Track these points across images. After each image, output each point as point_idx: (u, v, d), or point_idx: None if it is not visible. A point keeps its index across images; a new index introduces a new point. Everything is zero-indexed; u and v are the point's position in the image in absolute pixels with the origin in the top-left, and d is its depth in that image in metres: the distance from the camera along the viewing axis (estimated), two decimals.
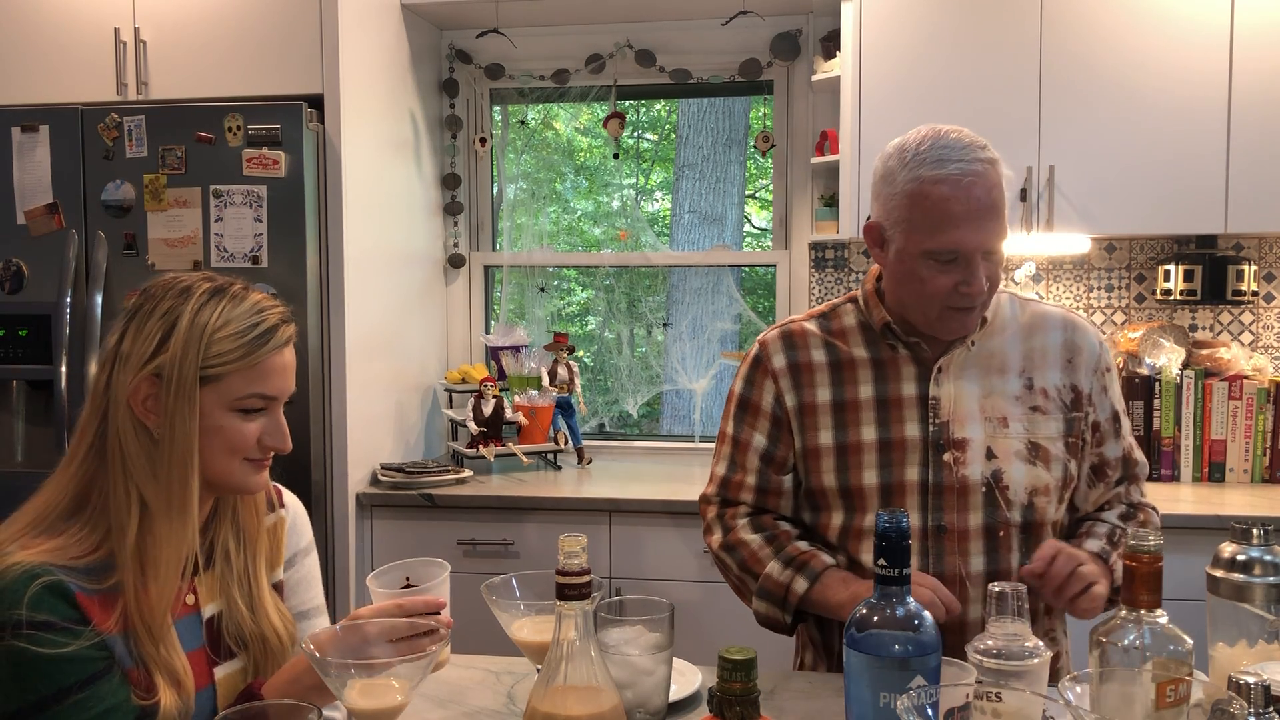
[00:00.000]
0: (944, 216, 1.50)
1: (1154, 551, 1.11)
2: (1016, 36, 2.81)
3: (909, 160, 1.53)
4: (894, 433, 1.60)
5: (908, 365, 1.63)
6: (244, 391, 1.27)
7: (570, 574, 1.03)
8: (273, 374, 1.29)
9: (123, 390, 1.24)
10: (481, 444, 3.11)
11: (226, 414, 1.27)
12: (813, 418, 1.64)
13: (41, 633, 1.14)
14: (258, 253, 2.74)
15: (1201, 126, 2.75)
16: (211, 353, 1.24)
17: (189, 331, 1.24)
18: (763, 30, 3.27)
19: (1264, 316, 3.11)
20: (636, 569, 2.76)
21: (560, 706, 1.03)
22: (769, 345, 1.70)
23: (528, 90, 3.51)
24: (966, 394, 1.61)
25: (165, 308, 1.26)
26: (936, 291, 1.53)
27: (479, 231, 3.60)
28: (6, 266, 2.85)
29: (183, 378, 1.23)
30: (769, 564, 1.63)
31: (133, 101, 2.88)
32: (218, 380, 1.25)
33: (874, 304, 1.65)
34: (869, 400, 1.62)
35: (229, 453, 1.28)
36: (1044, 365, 1.65)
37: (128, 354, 1.25)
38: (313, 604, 1.50)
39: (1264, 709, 1.06)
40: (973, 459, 1.58)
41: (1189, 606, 2.47)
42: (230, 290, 1.29)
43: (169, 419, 1.24)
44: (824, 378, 1.65)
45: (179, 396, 1.23)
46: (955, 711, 1.06)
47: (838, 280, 3.32)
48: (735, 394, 1.72)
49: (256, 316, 1.28)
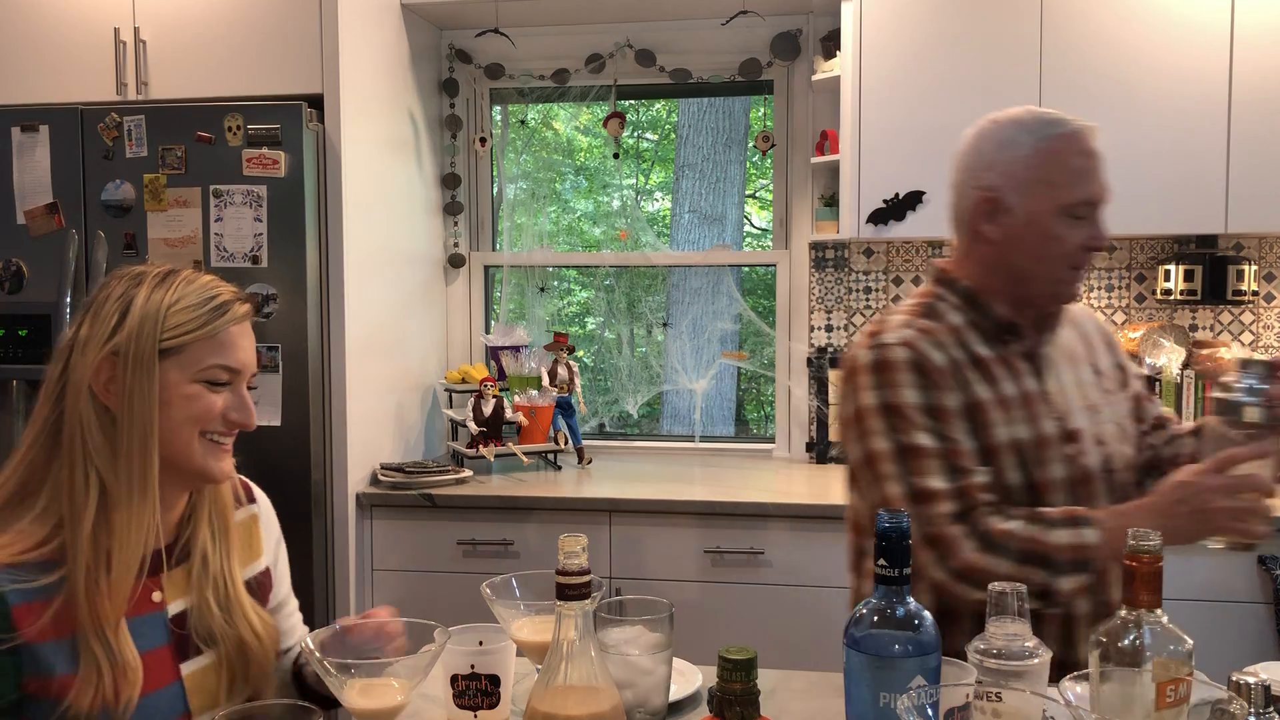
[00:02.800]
0: (1081, 169, 1.59)
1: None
2: (1016, 36, 2.81)
3: (1031, 124, 1.59)
4: (1037, 429, 1.58)
5: (1020, 360, 1.62)
6: (207, 362, 1.28)
7: (570, 574, 1.03)
8: (233, 346, 1.30)
9: (83, 374, 1.24)
10: (481, 444, 3.11)
11: (190, 385, 1.27)
12: (984, 415, 1.56)
13: None
14: (258, 253, 2.74)
15: (1202, 126, 2.75)
16: (169, 325, 1.26)
17: (144, 307, 1.26)
18: (763, 30, 3.27)
19: (1264, 316, 3.11)
20: (636, 569, 2.76)
21: (560, 706, 1.03)
22: (918, 345, 1.56)
23: (528, 90, 3.50)
24: (1066, 385, 1.64)
25: (119, 292, 1.28)
26: (1068, 249, 1.59)
27: (479, 231, 3.60)
28: (6, 266, 2.85)
29: (140, 351, 1.24)
30: (1052, 537, 1.47)
31: (133, 101, 2.88)
32: (179, 352, 1.27)
33: (990, 297, 1.62)
34: (1013, 397, 1.58)
35: (190, 423, 1.28)
36: (1096, 350, 1.72)
37: (85, 340, 1.26)
38: (285, 588, 1.52)
39: (1264, 709, 1.06)
40: (1088, 448, 1.61)
41: (1189, 606, 2.50)
42: (182, 273, 1.31)
43: (128, 395, 1.24)
44: (974, 375, 1.58)
45: (137, 370, 1.24)
46: (955, 711, 1.06)
47: (837, 280, 3.32)
48: (908, 404, 1.53)
49: (211, 292, 1.30)
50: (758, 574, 2.72)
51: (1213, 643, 2.32)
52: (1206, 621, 2.50)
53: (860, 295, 3.31)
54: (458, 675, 1.32)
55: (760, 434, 4.00)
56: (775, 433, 3.43)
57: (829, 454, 3.23)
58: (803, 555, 2.70)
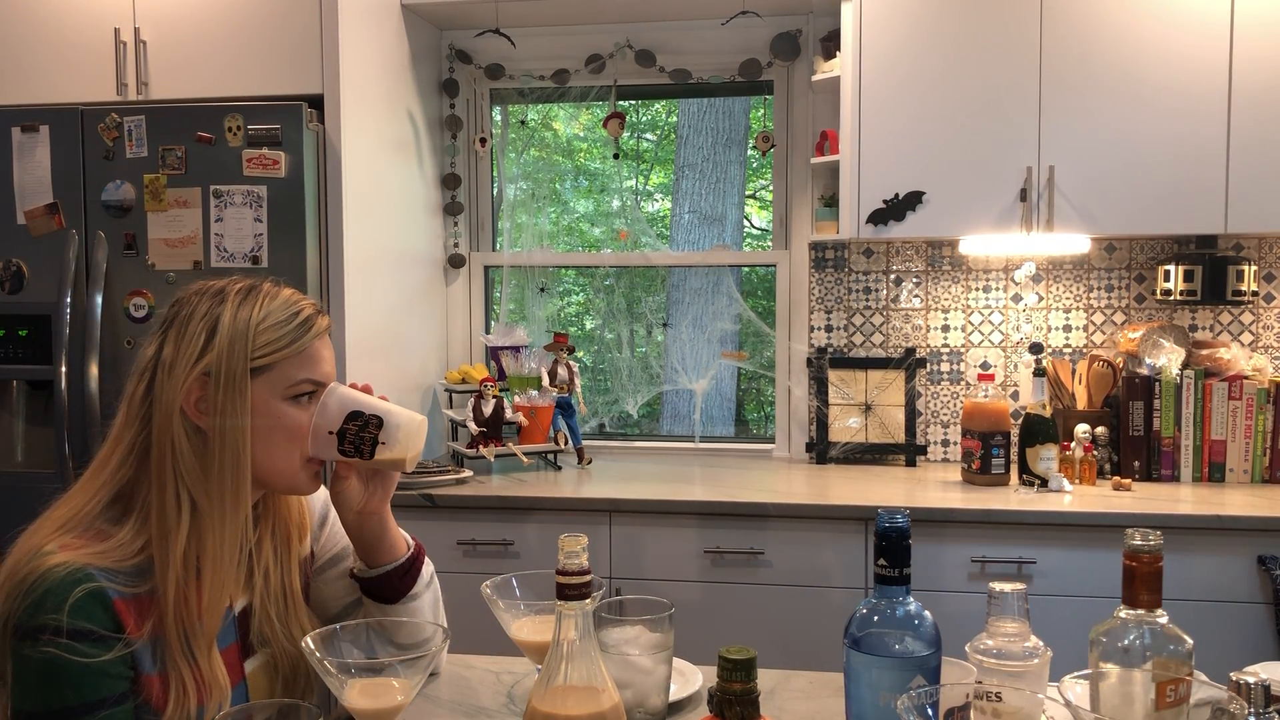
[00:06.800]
0: None
1: (1154, 551, 1.11)
2: (1016, 36, 2.81)
3: None
4: None
5: None
6: (297, 377, 1.28)
7: (570, 574, 1.03)
8: (319, 359, 1.31)
9: (174, 396, 1.23)
10: (481, 444, 3.11)
11: (281, 404, 1.28)
12: None
13: (78, 642, 1.13)
14: (258, 253, 2.74)
15: (1202, 126, 2.75)
16: (259, 343, 1.26)
17: (233, 327, 1.25)
18: (763, 30, 3.27)
19: (1264, 316, 3.11)
20: (636, 569, 2.76)
21: (560, 706, 1.03)
22: None
23: (528, 90, 3.51)
24: None
25: (203, 310, 1.27)
26: None
27: (479, 231, 3.60)
28: (6, 266, 2.85)
29: (232, 371, 1.24)
30: None
31: (133, 101, 2.88)
32: (269, 370, 1.27)
33: None
34: None
35: (290, 443, 1.28)
36: None
37: (171, 360, 1.25)
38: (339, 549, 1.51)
39: (1264, 709, 1.06)
40: None
41: (1189, 606, 2.50)
42: (263, 288, 1.31)
43: (220, 415, 1.24)
44: None
45: (229, 390, 1.24)
46: (955, 711, 1.06)
47: (837, 280, 3.32)
48: None
49: (295, 306, 1.31)
50: (758, 574, 2.72)
51: (1213, 643, 2.33)
52: (1206, 621, 2.50)
53: (860, 295, 3.31)
54: (337, 449, 1.30)
55: (760, 434, 4.01)
56: (775, 433, 3.44)
57: (829, 454, 3.23)
58: (803, 555, 2.70)
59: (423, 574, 1.45)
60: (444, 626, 1.35)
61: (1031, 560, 2.60)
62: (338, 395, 1.31)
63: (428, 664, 1.19)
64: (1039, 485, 2.81)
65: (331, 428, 1.30)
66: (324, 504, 1.50)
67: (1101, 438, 2.97)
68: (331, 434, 1.30)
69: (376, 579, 1.40)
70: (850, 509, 2.67)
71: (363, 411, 1.31)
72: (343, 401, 1.31)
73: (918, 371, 3.23)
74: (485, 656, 1.65)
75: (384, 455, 1.32)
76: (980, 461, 2.87)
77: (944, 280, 3.26)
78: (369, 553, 1.40)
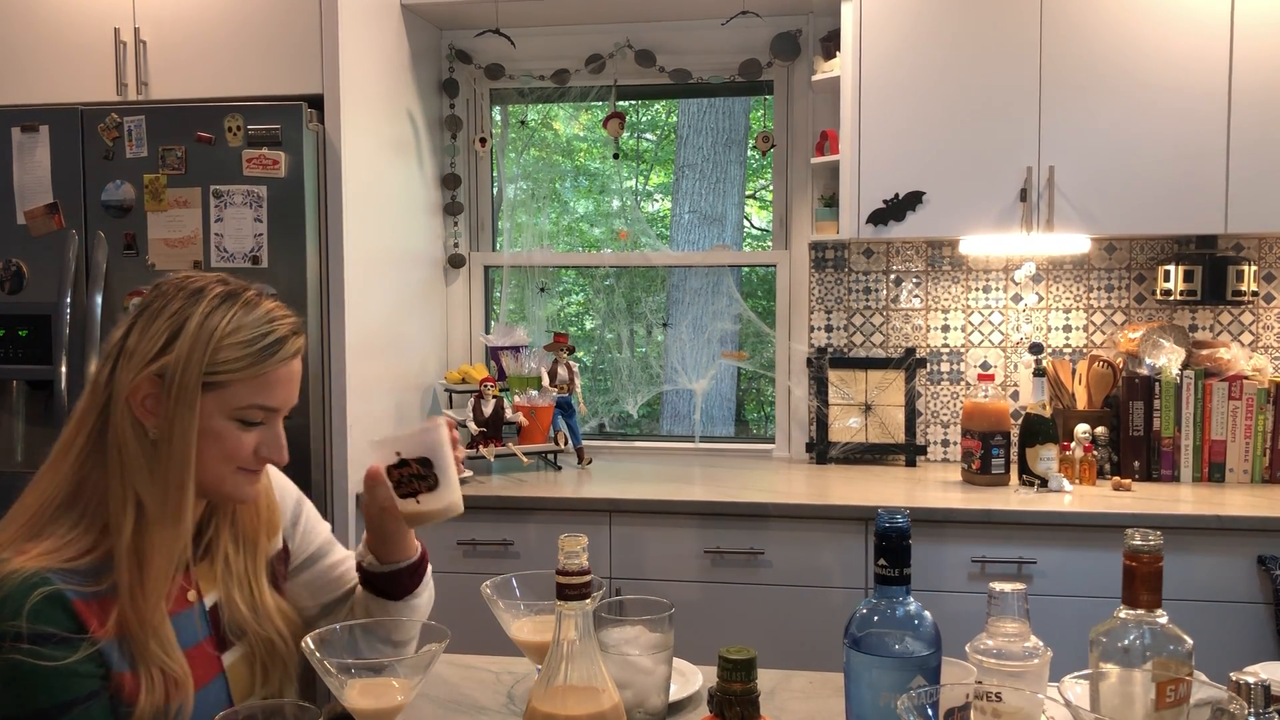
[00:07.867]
0: None
1: (1154, 551, 1.11)
2: (1016, 36, 2.81)
3: None
4: None
5: None
6: (246, 402, 1.26)
7: (570, 574, 1.03)
8: (278, 385, 1.28)
9: (124, 387, 1.22)
10: (481, 444, 3.11)
11: (225, 422, 1.25)
12: None
13: (40, 646, 1.13)
14: (258, 253, 2.74)
15: (1202, 127, 2.75)
16: (218, 359, 1.23)
17: (196, 334, 1.23)
18: (763, 30, 3.27)
19: (1264, 317, 3.11)
20: (636, 569, 2.76)
21: (560, 706, 1.03)
22: None
23: (528, 90, 3.50)
24: None
25: (175, 308, 1.24)
26: None
27: (479, 231, 3.60)
28: (6, 266, 2.85)
29: (185, 381, 1.22)
30: None
31: (133, 101, 2.88)
32: (221, 388, 1.24)
33: None
34: None
35: (223, 460, 1.26)
36: None
37: (132, 350, 1.23)
38: (322, 538, 1.51)
39: (1264, 709, 1.06)
40: None
41: (1189, 606, 2.49)
42: (243, 296, 1.28)
43: (168, 422, 1.22)
44: None
45: (180, 401, 1.22)
46: (955, 711, 1.06)
47: (837, 280, 3.32)
48: None
49: (267, 326, 1.27)
50: (758, 574, 2.72)
51: (1213, 643, 2.33)
52: (1206, 621, 2.50)
53: (860, 295, 3.31)
54: (390, 468, 1.32)
55: (760, 434, 4.01)
56: (775, 433, 3.43)
57: (829, 454, 3.23)
58: (803, 555, 2.70)
59: (426, 575, 1.47)
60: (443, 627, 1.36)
61: (1031, 560, 2.60)
62: (437, 438, 1.32)
63: (429, 664, 1.19)
64: (1039, 485, 2.81)
65: (406, 454, 1.31)
66: (295, 503, 1.50)
67: (1101, 438, 2.97)
68: (399, 455, 1.31)
69: (387, 575, 1.41)
70: (850, 509, 2.67)
71: (433, 469, 1.31)
72: (434, 450, 1.32)
73: (918, 371, 3.23)
74: (485, 656, 1.65)
75: (408, 507, 1.34)
76: (980, 462, 2.87)
77: (944, 280, 3.26)
78: (384, 548, 1.40)
